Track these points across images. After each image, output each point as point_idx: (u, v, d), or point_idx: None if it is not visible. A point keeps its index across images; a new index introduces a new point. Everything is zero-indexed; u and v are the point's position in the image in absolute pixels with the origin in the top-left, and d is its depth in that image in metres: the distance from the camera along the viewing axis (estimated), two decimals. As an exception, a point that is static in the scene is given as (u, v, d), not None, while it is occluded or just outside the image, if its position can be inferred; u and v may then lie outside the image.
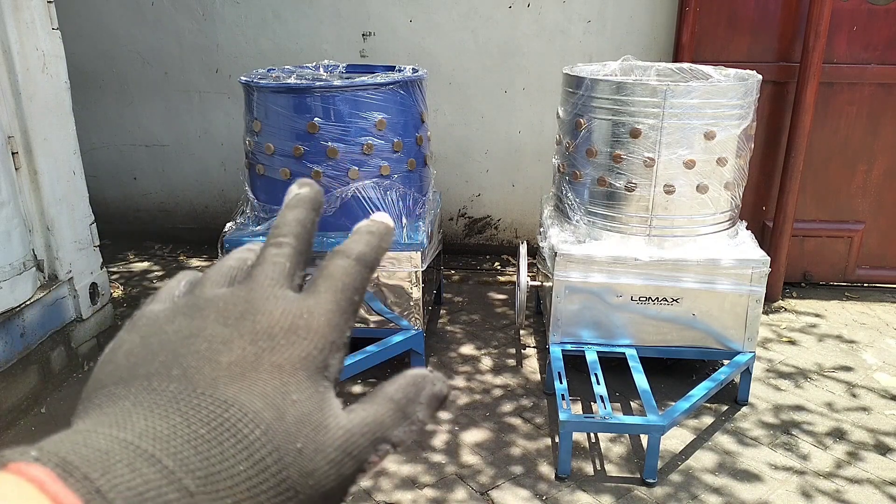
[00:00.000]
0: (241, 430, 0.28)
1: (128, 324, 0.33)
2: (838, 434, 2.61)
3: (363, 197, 2.73)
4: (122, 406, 0.28)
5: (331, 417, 0.30)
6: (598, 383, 2.54)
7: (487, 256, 4.28)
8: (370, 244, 0.36)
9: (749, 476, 2.39)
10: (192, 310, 0.32)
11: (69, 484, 0.24)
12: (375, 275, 2.82)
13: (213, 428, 0.27)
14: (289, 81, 2.72)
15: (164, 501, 0.25)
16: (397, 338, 2.79)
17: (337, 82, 2.68)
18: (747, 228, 2.84)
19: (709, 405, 2.76)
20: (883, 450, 2.53)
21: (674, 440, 2.56)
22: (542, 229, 3.06)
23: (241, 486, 0.27)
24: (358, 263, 0.35)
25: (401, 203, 2.80)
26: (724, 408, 2.76)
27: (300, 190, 0.38)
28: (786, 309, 3.61)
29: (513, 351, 3.20)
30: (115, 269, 3.97)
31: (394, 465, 2.43)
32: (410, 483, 2.35)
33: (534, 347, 3.23)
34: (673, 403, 2.51)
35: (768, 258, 2.63)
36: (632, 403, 2.78)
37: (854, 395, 2.86)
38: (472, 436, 2.59)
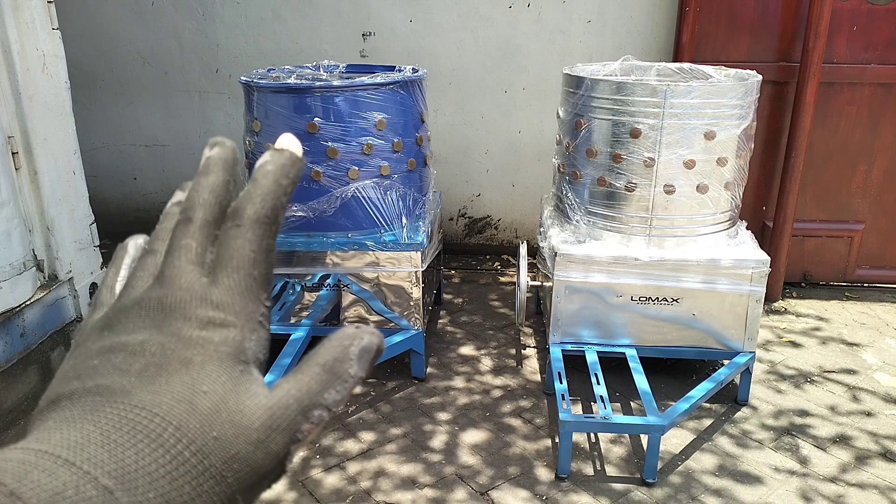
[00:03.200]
0: (153, 430, 0.28)
1: (73, 341, 0.35)
2: (839, 436, 2.61)
3: (363, 197, 2.73)
4: (45, 425, 0.30)
5: (249, 399, 0.31)
6: (598, 383, 2.54)
7: (487, 256, 4.28)
8: (266, 192, 0.34)
9: (749, 478, 2.39)
10: (114, 321, 0.33)
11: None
12: (375, 274, 2.81)
13: (126, 432, 0.28)
14: (289, 81, 2.72)
15: (82, 499, 0.26)
16: (397, 338, 2.79)
17: (337, 82, 2.68)
18: (747, 228, 2.84)
19: (709, 406, 2.76)
20: (884, 451, 2.53)
21: (674, 441, 2.56)
22: (542, 229, 3.05)
23: (161, 480, 0.27)
24: (255, 226, 0.34)
25: (401, 203, 2.80)
26: (725, 408, 2.76)
27: (210, 152, 0.36)
28: (786, 309, 3.61)
29: (513, 351, 3.19)
30: (115, 269, 3.97)
31: (394, 465, 2.43)
32: (410, 483, 2.35)
33: (534, 347, 3.23)
34: (673, 403, 2.51)
35: (768, 258, 2.63)
36: (632, 403, 2.78)
37: (855, 396, 2.86)
38: (472, 436, 2.59)
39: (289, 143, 0.36)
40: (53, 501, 0.25)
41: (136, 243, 0.40)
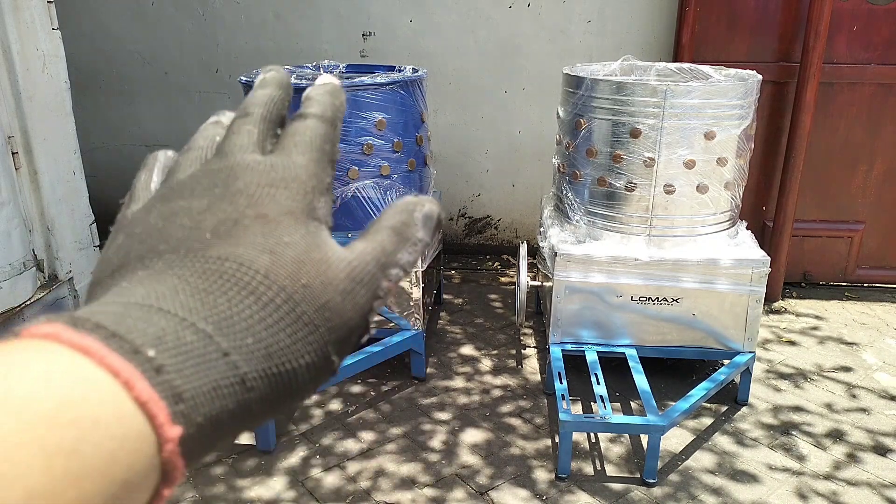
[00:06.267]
0: (241, 278, 0.28)
1: (112, 229, 0.34)
2: (838, 435, 2.61)
3: (363, 197, 2.73)
4: (119, 286, 0.28)
5: (330, 252, 0.31)
6: (598, 383, 2.54)
7: (487, 256, 4.28)
8: (324, 103, 0.36)
9: (747, 477, 2.39)
10: (169, 195, 0.33)
11: (83, 331, 0.24)
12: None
13: (213, 281, 0.28)
14: (289, 81, 2.72)
15: (182, 343, 0.25)
16: (397, 338, 2.79)
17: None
18: (747, 228, 2.84)
19: (709, 405, 2.76)
20: (882, 451, 2.53)
21: (673, 440, 2.56)
22: (542, 229, 3.06)
23: (258, 325, 0.27)
24: (320, 120, 0.35)
25: (401, 203, 2.80)
26: (724, 408, 2.76)
27: (266, 74, 0.38)
28: (786, 309, 3.61)
29: (513, 351, 3.19)
30: (115, 269, 3.97)
31: (393, 465, 2.43)
32: (410, 483, 2.35)
33: (534, 348, 3.23)
34: (673, 403, 2.51)
35: (768, 258, 2.63)
36: (632, 403, 2.78)
37: (854, 396, 2.86)
38: (472, 436, 2.59)
39: (329, 78, 0.38)
40: (155, 344, 0.25)
41: (166, 153, 0.39)
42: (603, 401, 2.43)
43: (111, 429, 0.23)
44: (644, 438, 2.49)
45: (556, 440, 2.50)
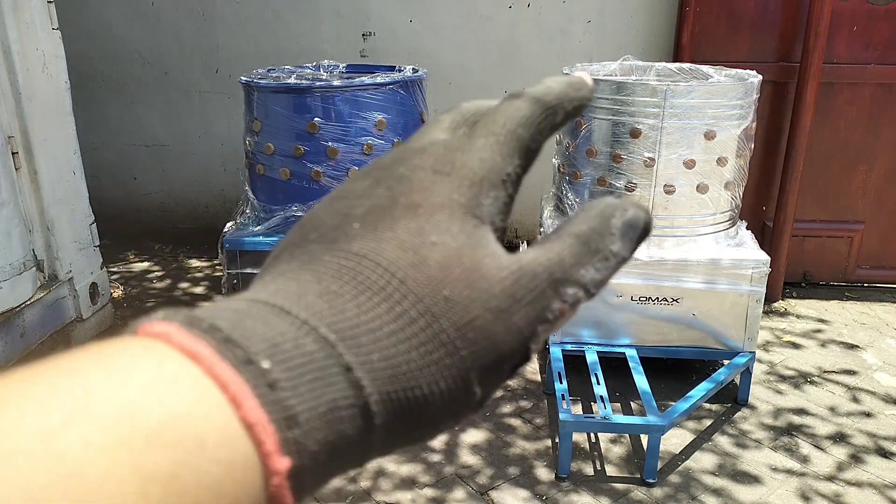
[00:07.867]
0: (375, 282, 0.24)
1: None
2: (838, 436, 2.61)
3: (363, 197, 2.73)
4: (261, 280, 0.26)
5: (487, 259, 0.26)
6: (598, 383, 2.54)
7: (487, 256, 4.27)
8: (552, 89, 0.31)
9: (748, 478, 2.39)
10: (366, 170, 0.30)
11: (196, 333, 0.22)
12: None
13: (346, 282, 0.24)
14: (289, 81, 2.72)
15: (302, 353, 0.22)
16: (397, 338, 2.79)
17: (337, 82, 2.68)
18: (747, 228, 2.84)
19: (709, 406, 2.76)
20: (883, 452, 2.53)
21: (674, 440, 2.56)
22: (542, 229, 3.06)
23: (385, 341, 0.24)
24: (529, 101, 0.30)
25: (401, 203, 2.80)
26: (725, 408, 2.76)
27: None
28: (786, 309, 3.61)
29: (513, 351, 3.19)
30: (115, 269, 3.97)
31: (393, 464, 2.43)
32: (410, 483, 2.35)
33: (534, 347, 3.23)
34: (673, 403, 2.51)
35: (768, 258, 2.63)
36: (632, 403, 2.78)
37: (854, 396, 2.86)
38: (472, 436, 2.59)
39: (584, 74, 0.33)
40: (271, 353, 0.22)
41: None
42: (603, 401, 2.43)
43: (217, 452, 0.20)
44: (644, 438, 2.49)
45: (557, 440, 2.50)
